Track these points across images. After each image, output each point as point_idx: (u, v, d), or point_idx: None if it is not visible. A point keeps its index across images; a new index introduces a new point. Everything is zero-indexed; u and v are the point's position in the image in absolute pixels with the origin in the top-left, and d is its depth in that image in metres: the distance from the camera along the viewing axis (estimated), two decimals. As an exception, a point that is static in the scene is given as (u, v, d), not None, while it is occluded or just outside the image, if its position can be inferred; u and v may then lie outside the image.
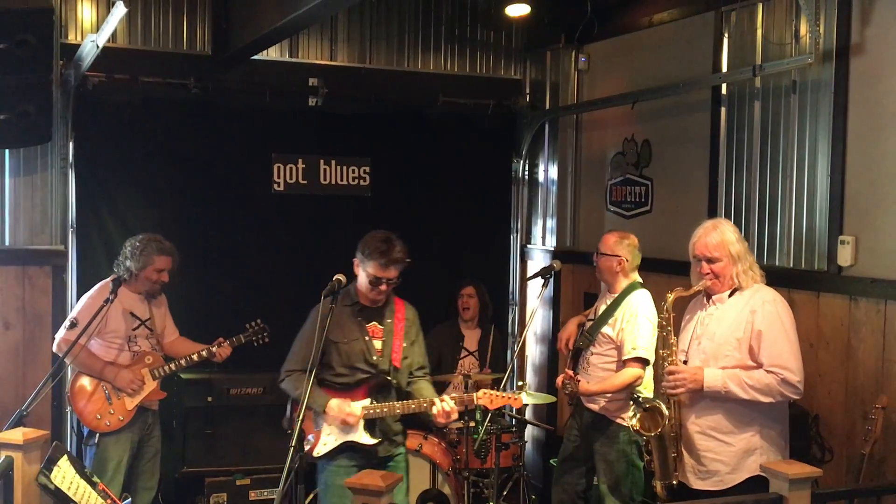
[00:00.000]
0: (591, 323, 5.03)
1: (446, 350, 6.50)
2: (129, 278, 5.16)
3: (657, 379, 4.57)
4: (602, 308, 5.00)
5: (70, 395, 5.10)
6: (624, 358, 4.78)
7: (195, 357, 5.26)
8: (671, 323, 4.11)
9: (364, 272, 4.29)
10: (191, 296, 6.10)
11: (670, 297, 4.10)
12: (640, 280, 5.02)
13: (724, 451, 3.98)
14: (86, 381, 5.08)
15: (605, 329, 4.91)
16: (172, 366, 5.23)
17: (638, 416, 4.08)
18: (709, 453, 4.00)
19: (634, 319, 4.80)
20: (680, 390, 3.99)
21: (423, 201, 6.84)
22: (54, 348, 5.12)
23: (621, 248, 4.96)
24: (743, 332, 3.95)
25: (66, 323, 5.08)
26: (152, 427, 5.31)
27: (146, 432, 5.27)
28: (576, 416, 5.16)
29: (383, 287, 4.28)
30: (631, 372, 4.74)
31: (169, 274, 5.23)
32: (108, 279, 5.22)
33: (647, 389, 4.85)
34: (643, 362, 4.75)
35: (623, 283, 4.96)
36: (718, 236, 4.04)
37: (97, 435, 5.05)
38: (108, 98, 5.88)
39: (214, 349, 5.28)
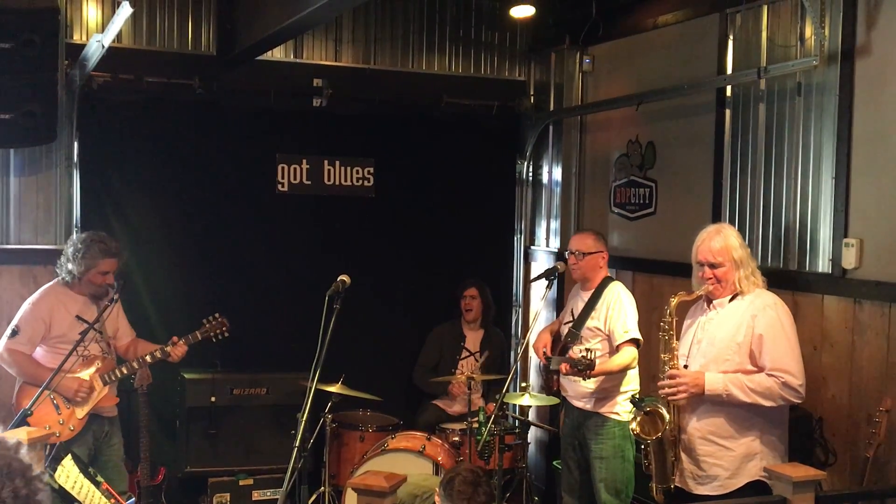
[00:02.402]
0: (572, 322, 5.07)
1: (447, 349, 6.51)
2: (72, 280, 4.93)
3: (647, 378, 4.57)
4: (580, 306, 5.07)
5: (16, 406, 4.79)
6: (618, 342, 4.87)
7: (148, 358, 5.02)
8: (673, 327, 4.10)
9: None
10: (193, 295, 6.11)
11: (673, 301, 4.09)
12: (609, 274, 5.16)
13: (725, 456, 3.96)
14: (32, 391, 4.64)
15: (591, 322, 4.97)
16: (124, 369, 4.99)
17: (638, 419, 4.07)
18: (709, 458, 3.99)
19: (619, 306, 4.92)
20: (681, 395, 3.98)
21: (426, 202, 6.84)
22: None
23: (600, 244, 5.11)
24: (743, 337, 3.95)
25: (8, 331, 4.87)
26: (110, 435, 5.06)
27: (103, 440, 5.02)
28: (566, 417, 5.20)
29: None
30: (629, 351, 4.84)
31: (114, 274, 4.96)
32: (51, 283, 5.05)
33: (634, 380, 4.95)
34: (636, 343, 4.87)
35: (599, 278, 5.08)
36: (721, 241, 4.04)
37: (46, 446, 4.66)
38: (112, 98, 5.89)
39: (168, 348, 5.05)
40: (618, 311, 4.91)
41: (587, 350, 4.75)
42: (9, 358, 4.86)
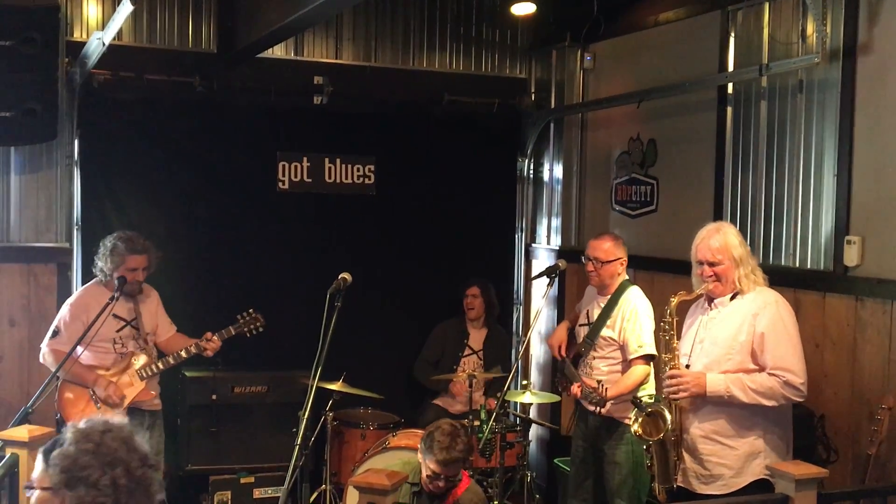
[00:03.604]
0: (588, 328, 5.01)
1: (450, 346, 6.51)
2: (106, 280, 5.07)
3: (659, 381, 4.55)
4: (597, 311, 4.98)
5: (58, 402, 4.97)
6: (631, 357, 4.79)
7: (184, 353, 5.14)
8: (674, 327, 4.08)
9: (424, 465, 4.22)
10: (195, 294, 6.11)
11: (673, 301, 4.07)
12: (627, 276, 5.04)
13: (728, 455, 3.95)
14: (73, 388, 4.98)
15: (605, 332, 4.89)
16: (160, 364, 5.11)
17: (640, 420, 4.05)
18: (713, 457, 3.98)
19: (635, 318, 4.82)
20: (682, 395, 3.96)
21: (427, 200, 6.84)
22: (41, 359, 5.04)
23: (619, 250, 4.97)
24: (745, 335, 3.93)
25: (50, 332, 5.01)
26: (151, 429, 5.17)
27: (142, 434, 5.02)
28: (580, 422, 5.14)
29: (441, 484, 4.21)
30: (641, 369, 4.76)
31: (147, 271, 5.09)
32: (89, 283, 5.18)
33: (649, 387, 4.88)
34: (649, 358, 4.78)
35: (617, 283, 4.96)
36: (721, 239, 4.02)
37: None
38: (113, 96, 5.88)
39: (203, 343, 5.15)
40: (633, 322, 4.80)
41: (599, 383, 4.68)
42: (51, 357, 4.97)
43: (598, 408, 4.65)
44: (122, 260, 5.02)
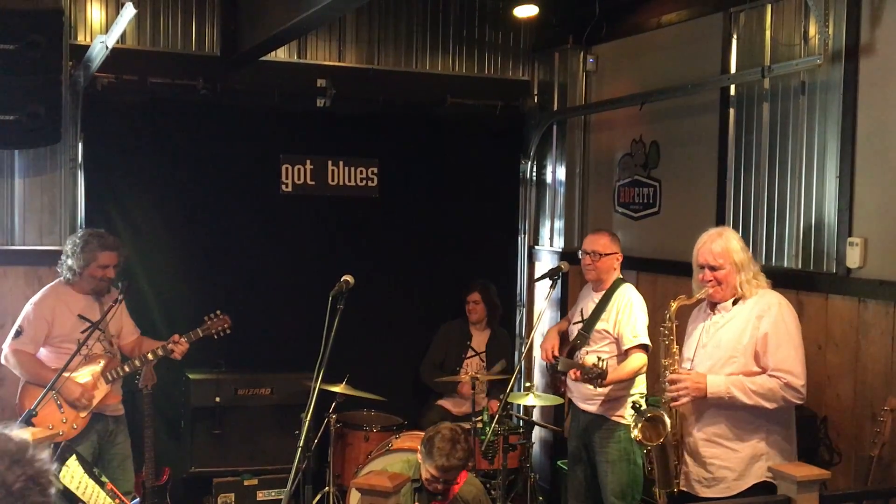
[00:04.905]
0: (582, 323, 5.03)
1: (453, 348, 6.51)
2: (73, 277, 4.94)
3: (656, 383, 4.56)
4: (591, 307, 5.02)
5: (19, 406, 4.80)
6: (626, 347, 4.83)
7: (150, 356, 5.04)
8: (674, 332, 4.07)
9: (423, 467, 4.26)
10: (197, 296, 6.11)
11: (673, 305, 4.06)
12: (621, 275, 5.08)
13: (731, 458, 3.94)
14: (36, 391, 4.68)
15: (600, 325, 4.93)
16: (126, 367, 5.01)
17: (639, 426, 4.04)
18: (715, 460, 3.97)
19: (629, 310, 4.87)
20: (683, 400, 3.96)
21: (430, 202, 6.85)
22: (3, 360, 4.92)
23: (616, 245, 5.04)
24: (749, 337, 3.93)
25: (12, 332, 4.90)
26: (115, 434, 5.06)
27: (107, 439, 5.02)
28: (573, 421, 5.16)
29: (440, 486, 4.25)
30: (638, 357, 4.80)
31: (116, 269, 5.00)
32: (53, 282, 5.07)
33: (641, 384, 4.91)
34: (645, 348, 4.82)
35: (612, 279, 5.02)
36: (723, 244, 4.01)
37: (51, 446, 4.85)
38: (117, 99, 5.90)
39: (170, 346, 5.06)
40: (627, 315, 4.85)
41: (599, 359, 4.70)
42: (13, 358, 4.88)
43: (599, 380, 4.64)
44: (93, 256, 4.90)
